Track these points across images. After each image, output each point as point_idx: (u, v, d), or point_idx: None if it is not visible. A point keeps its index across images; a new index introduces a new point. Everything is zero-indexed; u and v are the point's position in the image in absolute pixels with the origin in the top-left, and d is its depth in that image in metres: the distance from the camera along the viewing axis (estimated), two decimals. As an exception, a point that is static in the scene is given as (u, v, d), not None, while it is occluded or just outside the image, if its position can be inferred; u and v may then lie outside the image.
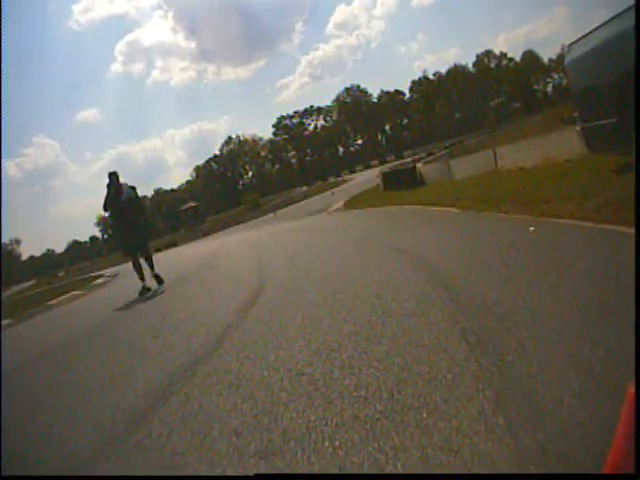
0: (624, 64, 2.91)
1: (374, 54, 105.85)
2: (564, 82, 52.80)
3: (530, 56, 76.52)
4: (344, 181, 47.64)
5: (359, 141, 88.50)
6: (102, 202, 6.70)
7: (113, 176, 6.74)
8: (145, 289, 6.74)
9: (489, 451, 1.23)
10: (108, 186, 6.71)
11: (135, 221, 6.88)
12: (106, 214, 7.13)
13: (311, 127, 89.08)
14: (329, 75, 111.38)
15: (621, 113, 3.19)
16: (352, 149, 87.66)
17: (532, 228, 3.83)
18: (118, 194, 6.66)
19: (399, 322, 2.42)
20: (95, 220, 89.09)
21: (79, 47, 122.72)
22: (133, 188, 6.94)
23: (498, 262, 3.15)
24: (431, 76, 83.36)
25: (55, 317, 8.95)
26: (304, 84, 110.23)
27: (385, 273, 3.73)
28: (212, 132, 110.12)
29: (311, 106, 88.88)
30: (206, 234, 36.32)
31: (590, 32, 3.73)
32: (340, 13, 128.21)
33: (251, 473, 1.42)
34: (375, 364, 1.96)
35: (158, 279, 7.13)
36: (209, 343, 3.02)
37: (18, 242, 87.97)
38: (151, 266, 7.11)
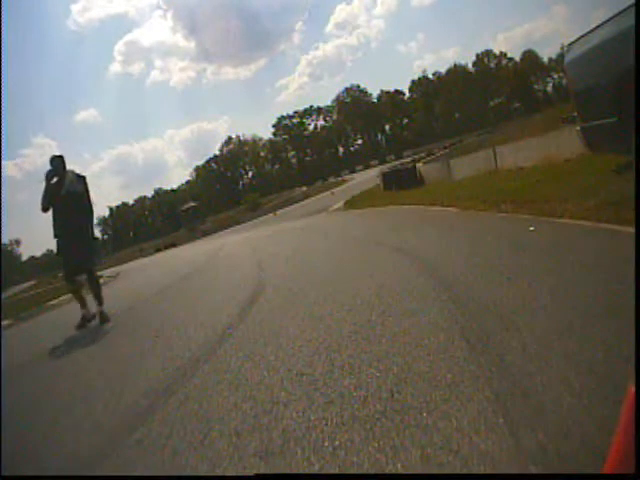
0: (624, 63, 2.91)
1: (374, 54, 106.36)
2: (564, 82, 52.80)
3: (530, 56, 76.60)
4: (344, 181, 47.69)
5: (359, 141, 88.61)
6: (43, 199, 4.69)
7: (57, 161, 4.75)
8: (86, 319, 4.83)
9: (489, 451, 1.23)
10: (48, 175, 4.72)
11: (79, 225, 4.80)
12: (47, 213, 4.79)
13: (311, 127, 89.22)
14: (329, 75, 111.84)
15: (621, 112, 3.18)
16: (352, 149, 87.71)
17: (532, 228, 3.83)
18: (59, 186, 4.68)
19: (399, 322, 2.42)
20: (95, 220, 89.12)
21: (78, 47, 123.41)
22: (82, 178, 4.86)
23: (498, 262, 3.15)
24: (431, 76, 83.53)
25: (55, 317, 8.94)
26: (304, 84, 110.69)
27: (385, 273, 3.73)
28: (212, 132, 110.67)
29: (311, 106, 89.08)
30: (206, 234, 36.34)
31: (590, 31, 3.73)
32: (340, 12, 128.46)
33: (251, 473, 1.42)
34: (375, 364, 1.96)
35: (103, 316, 4.84)
36: (209, 343, 3.02)
37: (18, 242, 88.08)
38: (97, 296, 4.88)
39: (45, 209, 4.71)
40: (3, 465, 1.82)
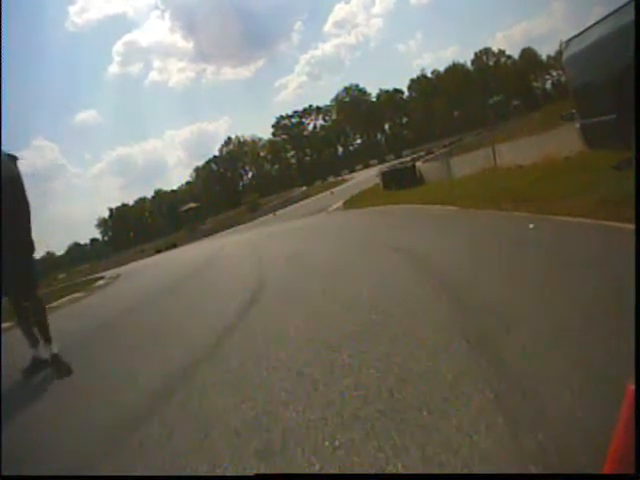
0: (623, 60, 2.90)
1: (373, 53, 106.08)
2: (563, 79, 52.77)
3: (529, 53, 76.53)
4: (344, 180, 47.72)
5: (358, 140, 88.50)
6: None
7: None
8: (38, 361, 3.48)
9: (489, 450, 1.23)
10: None
11: (17, 227, 3.24)
12: None
13: (310, 127, 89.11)
14: (328, 74, 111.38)
15: (620, 109, 3.18)
16: (351, 148, 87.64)
17: (532, 225, 3.83)
18: None
19: (399, 322, 2.42)
20: (95, 222, 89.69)
21: (76, 48, 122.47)
22: (13, 158, 3.33)
23: (498, 260, 3.14)
24: (430, 74, 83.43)
25: (56, 319, 8.92)
26: (303, 83, 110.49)
27: (385, 273, 3.73)
28: (211, 133, 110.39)
29: (310, 106, 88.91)
30: (206, 235, 36.34)
31: (588, 28, 3.72)
32: (339, 12, 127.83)
33: (251, 473, 1.42)
34: (375, 364, 1.95)
35: (56, 362, 3.35)
36: (209, 343, 3.02)
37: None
38: (43, 326, 3.50)
39: None
40: (3, 465, 1.82)
